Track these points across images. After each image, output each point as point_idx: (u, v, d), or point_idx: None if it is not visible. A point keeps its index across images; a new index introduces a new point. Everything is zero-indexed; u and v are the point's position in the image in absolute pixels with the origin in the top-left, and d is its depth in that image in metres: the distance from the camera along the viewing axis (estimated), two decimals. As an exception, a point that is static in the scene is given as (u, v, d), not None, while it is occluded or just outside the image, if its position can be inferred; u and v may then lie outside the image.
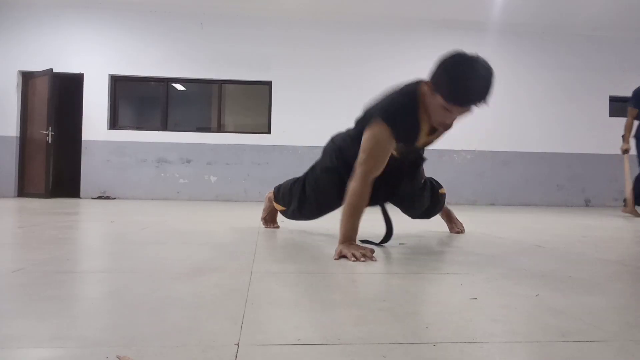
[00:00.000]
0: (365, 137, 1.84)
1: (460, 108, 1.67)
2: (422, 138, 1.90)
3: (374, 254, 1.72)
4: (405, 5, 7.25)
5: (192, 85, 8.31)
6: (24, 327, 0.87)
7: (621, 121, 8.08)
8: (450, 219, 2.78)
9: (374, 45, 7.66)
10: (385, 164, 1.85)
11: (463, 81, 1.61)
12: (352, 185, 1.82)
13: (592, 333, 0.89)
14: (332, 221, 2.45)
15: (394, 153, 1.95)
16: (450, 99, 1.64)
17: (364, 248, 1.74)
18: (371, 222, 2.47)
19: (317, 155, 2.46)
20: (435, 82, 1.68)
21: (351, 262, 1.64)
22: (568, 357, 0.76)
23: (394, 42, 7.70)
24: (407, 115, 1.80)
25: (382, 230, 2.12)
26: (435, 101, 1.70)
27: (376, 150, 1.81)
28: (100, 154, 7.26)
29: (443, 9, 7.30)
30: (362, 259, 1.65)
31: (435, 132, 1.92)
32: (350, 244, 1.77)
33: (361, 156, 1.83)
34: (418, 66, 7.68)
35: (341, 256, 1.71)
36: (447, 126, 1.79)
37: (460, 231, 2.72)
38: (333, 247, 2.04)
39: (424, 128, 1.86)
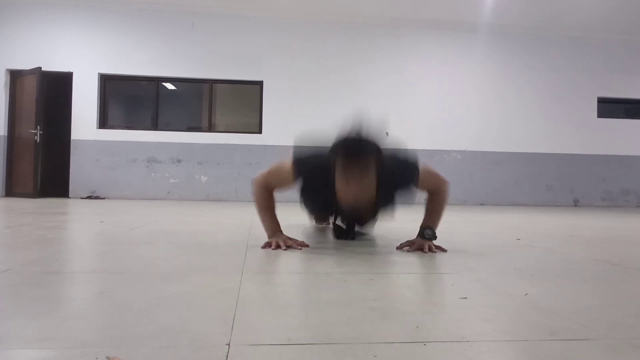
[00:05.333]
0: (277, 162, 2.06)
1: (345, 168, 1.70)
2: (344, 203, 1.82)
3: (303, 242, 1.95)
4: (396, 6, 7.27)
5: (183, 85, 8.27)
6: (13, 328, 0.86)
7: (609, 122, 8.21)
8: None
9: (365, 46, 7.67)
10: (282, 187, 2.04)
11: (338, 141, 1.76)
12: (255, 191, 2.05)
13: (581, 332, 0.90)
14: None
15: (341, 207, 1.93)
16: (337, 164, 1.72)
17: (291, 238, 1.95)
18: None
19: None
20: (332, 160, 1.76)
21: (348, 263, 1.65)
22: (557, 355, 0.77)
23: (384, 43, 7.71)
24: (315, 176, 1.89)
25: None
26: (335, 177, 1.75)
27: (274, 174, 2.04)
28: (90, 154, 7.19)
29: (433, 11, 7.32)
30: (297, 246, 1.89)
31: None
32: (279, 235, 1.98)
33: (267, 169, 2.08)
34: (407, 67, 7.79)
35: (267, 244, 1.92)
36: (348, 203, 1.77)
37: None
38: (324, 247, 2.05)
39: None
